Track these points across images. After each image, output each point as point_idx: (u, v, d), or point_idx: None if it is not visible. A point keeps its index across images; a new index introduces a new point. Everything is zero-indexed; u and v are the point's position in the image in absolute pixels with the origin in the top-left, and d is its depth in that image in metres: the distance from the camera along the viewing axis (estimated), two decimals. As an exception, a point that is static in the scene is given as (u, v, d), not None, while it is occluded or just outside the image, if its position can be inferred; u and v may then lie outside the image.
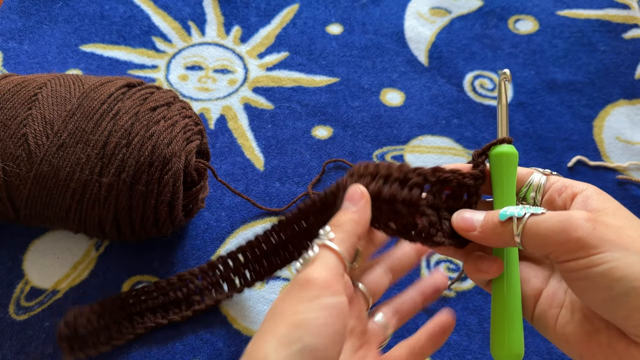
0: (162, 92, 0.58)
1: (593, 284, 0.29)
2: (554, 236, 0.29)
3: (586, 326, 0.31)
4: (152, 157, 0.52)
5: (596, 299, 0.29)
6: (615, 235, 0.28)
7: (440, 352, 0.56)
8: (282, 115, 0.73)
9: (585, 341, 0.31)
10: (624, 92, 0.77)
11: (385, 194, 0.34)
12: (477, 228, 0.33)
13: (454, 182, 0.35)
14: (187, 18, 0.82)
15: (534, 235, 0.30)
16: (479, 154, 0.36)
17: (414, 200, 0.34)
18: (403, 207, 0.35)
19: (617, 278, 0.28)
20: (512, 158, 0.35)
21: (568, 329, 0.32)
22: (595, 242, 0.28)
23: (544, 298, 0.34)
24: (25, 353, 0.54)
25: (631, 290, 0.27)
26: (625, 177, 0.69)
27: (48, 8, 0.81)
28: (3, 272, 0.59)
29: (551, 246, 0.30)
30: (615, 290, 0.28)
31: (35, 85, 0.56)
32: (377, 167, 0.36)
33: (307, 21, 0.83)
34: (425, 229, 0.34)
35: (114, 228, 0.54)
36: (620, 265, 0.28)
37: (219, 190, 0.66)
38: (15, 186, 0.53)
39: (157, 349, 0.55)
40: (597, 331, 0.31)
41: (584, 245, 0.28)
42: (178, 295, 0.56)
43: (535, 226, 0.30)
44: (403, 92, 0.76)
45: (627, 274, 0.27)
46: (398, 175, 0.35)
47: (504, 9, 0.86)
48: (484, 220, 0.33)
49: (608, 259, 0.28)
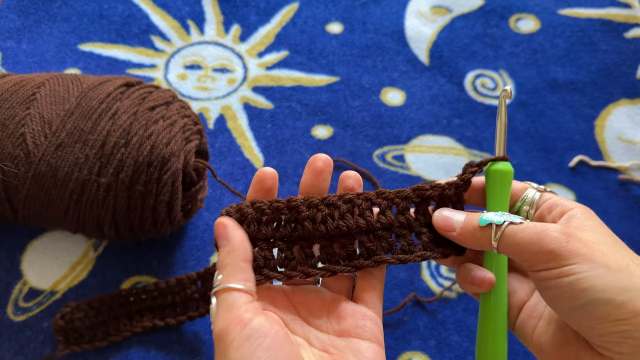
0: (161, 92, 0.57)
1: (561, 293, 0.30)
2: (529, 246, 0.31)
3: (559, 337, 0.33)
4: (150, 157, 0.52)
5: (564, 307, 0.31)
6: (586, 249, 0.30)
7: (441, 353, 0.56)
8: (282, 115, 0.73)
9: (556, 351, 0.33)
10: (625, 91, 0.77)
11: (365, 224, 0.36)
12: (457, 229, 0.35)
13: (435, 197, 0.37)
14: (186, 17, 0.82)
15: (510, 243, 0.32)
16: (473, 167, 0.37)
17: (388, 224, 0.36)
18: (405, 232, 0.37)
19: (583, 288, 0.29)
20: (508, 176, 0.37)
21: (543, 339, 0.34)
22: (566, 254, 0.30)
23: (525, 309, 0.36)
24: (23, 354, 0.54)
25: (595, 300, 0.29)
26: (626, 177, 0.69)
27: (46, 7, 0.81)
28: (1, 272, 0.59)
29: (525, 255, 0.32)
30: (580, 300, 0.29)
31: (33, 84, 0.55)
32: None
33: (307, 20, 0.83)
34: (425, 246, 0.36)
35: (112, 228, 0.54)
36: (587, 276, 0.29)
37: (218, 190, 0.65)
38: (14, 186, 0.52)
39: (156, 350, 0.55)
40: (568, 343, 0.32)
41: (556, 256, 0.30)
42: (176, 299, 0.56)
43: (512, 235, 0.32)
44: (404, 92, 0.76)
45: (592, 285, 0.29)
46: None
47: (505, 8, 0.85)
48: (464, 222, 0.35)
49: (577, 270, 0.30)
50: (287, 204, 0.36)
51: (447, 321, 0.58)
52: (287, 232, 0.36)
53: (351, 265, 0.36)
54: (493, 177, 0.37)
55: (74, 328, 0.53)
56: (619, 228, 0.65)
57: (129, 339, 0.55)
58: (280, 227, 0.36)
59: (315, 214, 0.36)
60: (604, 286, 0.29)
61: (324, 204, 0.36)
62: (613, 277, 0.29)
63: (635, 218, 0.66)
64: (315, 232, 0.36)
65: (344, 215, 0.36)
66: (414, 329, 0.58)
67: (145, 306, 0.56)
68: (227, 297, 0.32)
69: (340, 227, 0.36)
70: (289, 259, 0.36)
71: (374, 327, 0.35)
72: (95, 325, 0.54)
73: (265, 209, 0.36)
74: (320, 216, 0.36)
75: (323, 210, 0.36)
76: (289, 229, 0.36)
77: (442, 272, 0.61)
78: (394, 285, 0.60)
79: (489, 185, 0.37)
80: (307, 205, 0.36)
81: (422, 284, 0.60)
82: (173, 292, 0.56)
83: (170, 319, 0.55)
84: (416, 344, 0.57)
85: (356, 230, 0.36)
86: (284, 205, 0.36)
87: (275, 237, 0.36)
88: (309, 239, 0.36)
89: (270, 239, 0.36)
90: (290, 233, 0.36)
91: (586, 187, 0.68)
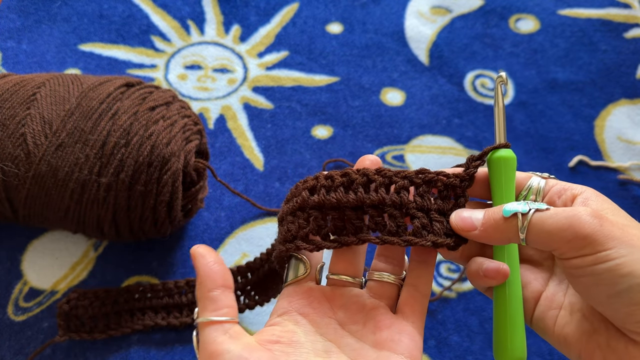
0: (161, 92, 0.57)
1: (598, 280, 0.29)
2: (561, 233, 0.29)
3: (585, 326, 0.32)
4: (151, 157, 0.52)
5: (600, 295, 0.29)
6: (621, 233, 0.29)
7: (441, 353, 0.56)
8: (282, 115, 0.73)
9: (584, 341, 0.31)
10: (625, 91, 0.77)
11: (353, 200, 0.35)
12: (478, 227, 0.33)
13: (439, 183, 0.35)
14: (187, 17, 0.82)
15: (539, 231, 0.30)
16: (474, 159, 0.36)
17: (404, 203, 0.34)
18: (394, 210, 0.34)
19: (623, 274, 0.28)
20: (511, 162, 0.35)
21: (567, 329, 0.32)
22: (602, 238, 0.28)
23: (543, 300, 0.34)
24: (24, 354, 0.54)
25: (635, 286, 0.28)
26: (626, 177, 0.69)
27: (47, 7, 0.81)
28: (2, 272, 0.59)
29: (557, 243, 0.30)
30: (620, 286, 0.28)
31: (33, 84, 0.55)
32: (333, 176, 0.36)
33: (307, 20, 0.83)
34: (418, 230, 0.34)
35: (112, 228, 0.54)
36: (627, 261, 0.28)
37: (219, 190, 0.65)
38: (14, 186, 0.52)
39: (156, 350, 0.55)
40: (596, 331, 0.31)
41: (591, 242, 0.28)
42: (182, 300, 0.56)
43: (540, 222, 0.30)
44: (404, 92, 0.76)
45: (633, 270, 0.28)
46: (361, 180, 0.35)
47: (505, 8, 0.85)
48: (485, 217, 0.33)
49: (615, 255, 0.28)
50: (342, 172, 0.36)
51: (447, 321, 0.58)
52: (339, 197, 0.35)
53: (402, 239, 0.34)
54: (497, 165, 0.35)
55: (77, 315, 0.54)
56: (619, 228, 0.65)
57: (129, 337, 0.55)
58: (331, 194, 0.35)
59: (366, 182, 0.35)
60: None
61: (379, 175, 0.35)
62: None
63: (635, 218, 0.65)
64: (366, 199, 0.34)
65: (399, 190, 0.35)
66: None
67: (150, 305, 0.56)
68: (203, 333, 0.32)
69: (371, 199, 0.34)
70: (340, 229, 0.35)
71: (410, 343, 0.33)
72: (98, 316, 0.54)
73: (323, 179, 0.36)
74: (374, 185, 0.35)
75: (376, 179, 0.35)
76: (340, 194, 0.35)
77: (442, 272, 0.61)
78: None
79: (493, 174, 0.35)
80: (361, 174, 0.35)
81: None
82: (180, 293, 0.56)
83: (173, 319, 0.56)
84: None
85: (389, 204, 0.35)
86: (340, 173, 0.36)
87: (325, 206, 0.35)
88: (360, 208, 0.35)
89: (322, 207, 0.35)
90: (342, 199, 0.35)
91: (586, 187, 0.68)
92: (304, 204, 0.35)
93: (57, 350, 0.54)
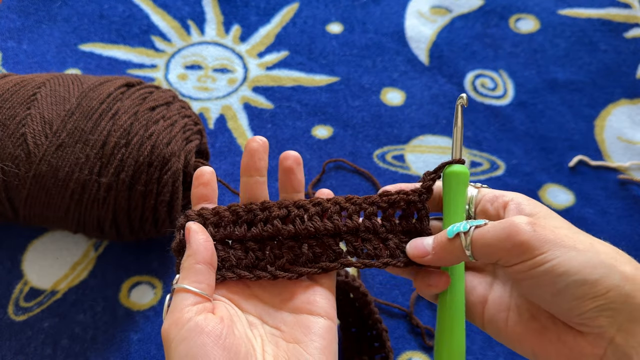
0: (161, 92, 0.57)
1: (539, 282, 0.31)
2: (500, 244, 0.31)
3: (534, 325, 0.33)
4: (151, 157, 0.52)
5: (544, 295, 0.31)
6: (553, 235, 0.31)
7: (440, 353, 0.56)
8: (282, 115, 0.73)
9: (536, 339, 0.33)
10: (625, 91, 0.77)
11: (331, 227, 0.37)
12: (430, 251, 0.35)
13: (401, 203, 0.37)
14: (187, 17, 0.82)
15: (481, 246, 0.32)
16: (430, 174, 0.38)
17: (377, 229, 0.37)
18: (371, 236, 0.37)
19: (559, 273, 0.30)
20: (463, 177, 0.37)
21: (518, 329, 0.34)
22: (537, 243, 0.30)
23: (490, 303, 0.36)
24: (24, 354, 0.54)
25: (572, 283, 0.30)
26: (626, 177, 0.69)
27: (47, 7, 0.81)
28: (2, 272, 0.59)
29: (499, 253, 0.32)
30: (559, 285, 0.30)
31: (34, 84, 0.55)
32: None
33: (307, 20, 0.83)
34: (391, 252, 0.37)
35: (113, 228, 0.54)
36: (561, 261, 0.30)
37: (219, 190, 0.65)
38: (14, 186, 0.52)
39: (156, 349, 0.55)
40: (545, 328, 0.33)
41: (527, 247, 0.31)
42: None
43: (481, 237, 0.32)
44: (404, 92, 0.76)
45: (567, 269, 0.30)
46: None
47: (505, 8, 0.85)
48: (435, 242, 0.35)
49: (550, 257, 0.30)
50: (261, 206, 0.38)
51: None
52: (258, 231, 0.37)
53: (317, 267, 0.37)
54: (448, 179, 0.37)
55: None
56: (619, 228, 0.65)
57: (129, 337, 0.55)
58: (252, 228, 0.37)
59: (285, 214, 0.37)
60: (577, 268, 0.30)
61: (294, 206, 0.37)
62: (584, 258, 0.30)
63: (635, 218, 0.66)
64: (284, 232, 0.37)
65: (312, 217, 0.37)
66: (413, 328, 0.58)
67: None
68: (176, 298, 0.33)
69: (307, 228, 0.37)
70: (260, 259, 0.37)
71: (324, 302, 0.36)
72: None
73: (225, 212, 0.37)
74: (291, 217, 0.37)
75: (293, 211, 0.37)
76: (260, 229, 0.37)
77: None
78: (393, 285, 0.60)
79: (445, 189, 0.37)
80: (278, 206, 0.37)
81: (422, 284, 0.60)
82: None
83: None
84: (416, 343, 0.57)
85: (324, 233, 0.37)
86: (256, 207, 0.38)
87: (246, 238, 0.37)
88: (278, 240, 0.38)
89: (242, 240, 0.37)
90: (261, 233, 0.37)
91: (586, 187, 0.68)
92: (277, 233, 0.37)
93: (58, 350, 0.54)
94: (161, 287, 0.59)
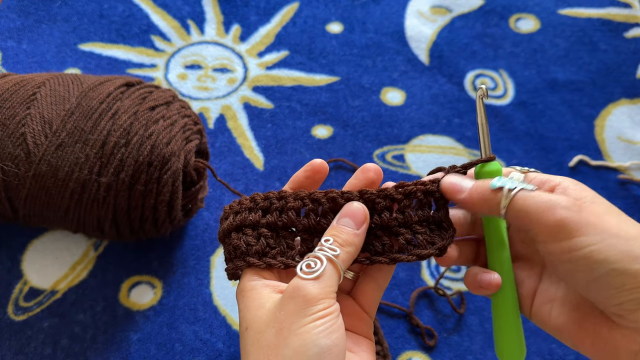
0: (161, 92, 0.57)
1: (576, 267, 0.30)
2: (538, 214, 0.30)
3: (575, 316, 0.33)
4: (151, 157, 0.52)
5: (580, 280, 0.30)
6: (597, 219, 0.30)
7: (441, 353, 0.56)
8: (282, 115, 0.73)
9: (575, 330, 0.33)
10: (625, 91, 0.77)
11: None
12: (465, 191, 0.34)
13: (418, 193, 0.36)
14: (187, 17, 0.82)
15: (519, 208, 0.31)
16: (457, 169, 0.36)
17: (387, 223, 0.36)
18: (377, 231, 0.36)
19: (598, 260, 0.29)
20: (497, 175, 0.36)
21: (560, 320, 0.34)
22: (577, 225, 0.29)
23: (538, 295, 0.35)
24: (24, 353, 0.54)
25: (611, 271, 0.28)
26: (626, 176, 0.69)
27: (47, 7, 0.81)
28: (2, 272, 0.59)
29: (534, 225, 0.31)
30: (596, 272, 0.29)
31: (33, 84, 0.55)
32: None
33: (307, 20, 0.83)
34: (403, 247, 0.35)
35: (112, 228, 0.54)
36: (600, 248, 0.29)
37: (219, 190, 0.65)
38: (14, 186, 0.52)
39: (156, 349, 0.55)
40: (584, 319, 0.32)
41: (565, 226, 0.29)
42: None
43: (523, 201, 0.31)
44: (404, 91, 0.76)
45: (607, 257, 0.29)
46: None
47: (505, 8, 0.85)
48: (474, 185, 0.34)
49: (589, 242, 0.29)
50: (278, 195, 0.38)
51: (446, 321, 0.58)
52: (273, 219, 0.37)
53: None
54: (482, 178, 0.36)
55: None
56: (619, 228, 0.65)
57: (129, 337, 0.55)
58: (267, 215, 0.37)
59: (300, 206, 0.37)
60: (618, 256, 0.28)
61: (309, 199, 0.37)
62: (626, 246, 0.29)
63: (635, 218, 0.65)
64: (298, 224, 0.36)
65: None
66: (414, 328, 0.58)
67: None
68: (333, 276, 0.32)
69: (321, 224, 0.36)
70: (271, 247, 0.36)
71: (365, 327, 0.36)
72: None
73: (258, 199, 0.38)
74: (306, 210, 0.37)
75: (308, 204, 0.37)
76: (275, 217, 0.37)
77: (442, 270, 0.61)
78: (393, 285, 0.60)
79: None
80: (294, 197, 0.37)
81: (422, 284, 0.60)
82: None
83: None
84: (416, 343, 0.57)
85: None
86: (274, 196, 0.37)
87: (260, 224, 0.37)
88: (292, 230, 0.37)
89: (256, 225, 0.37)
90: (275, 221, 0.37)
91: (586, 186, 0.68)
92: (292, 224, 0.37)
93: (57, 350, 0.54)
94: (161, 286, 0.59)
